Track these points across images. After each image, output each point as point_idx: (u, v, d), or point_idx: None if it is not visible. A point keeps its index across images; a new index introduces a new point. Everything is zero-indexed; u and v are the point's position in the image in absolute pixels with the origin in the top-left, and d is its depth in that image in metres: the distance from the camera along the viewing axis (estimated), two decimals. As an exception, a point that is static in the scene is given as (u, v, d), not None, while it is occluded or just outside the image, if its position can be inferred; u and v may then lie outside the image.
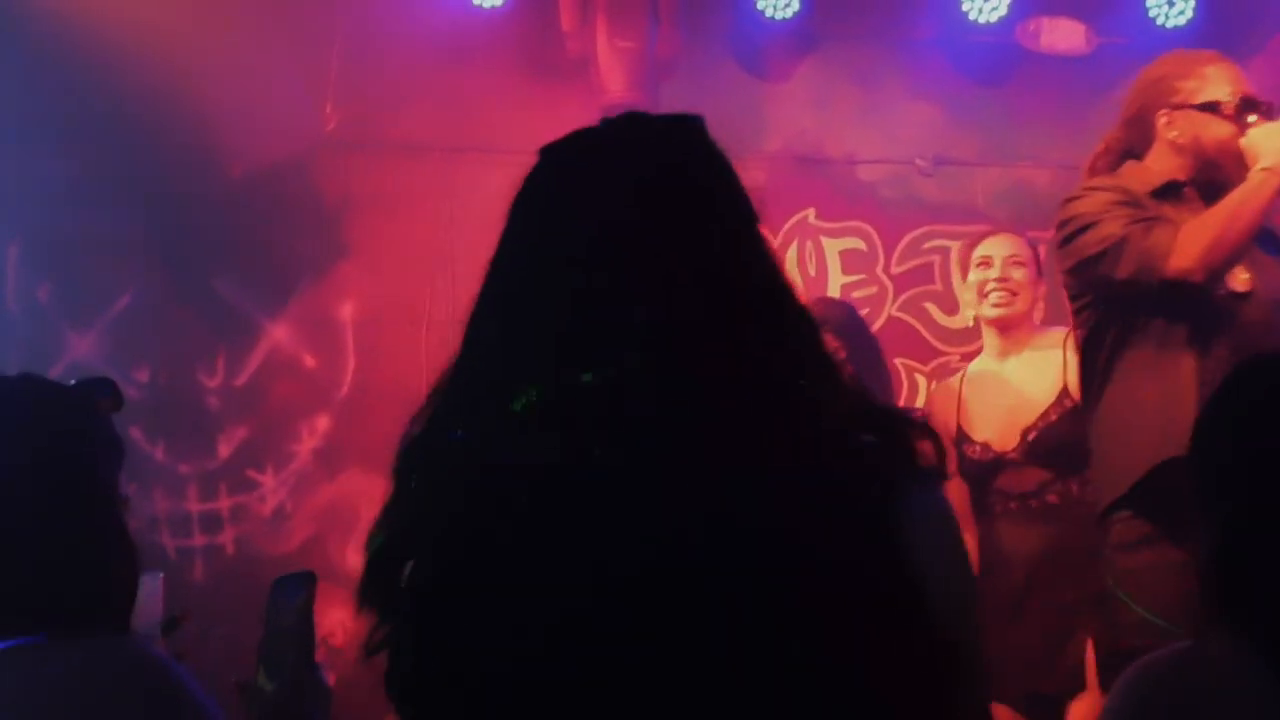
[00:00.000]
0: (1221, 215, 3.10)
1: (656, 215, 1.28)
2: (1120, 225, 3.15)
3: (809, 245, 5.32)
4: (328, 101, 5.12)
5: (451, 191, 4.99)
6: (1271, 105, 3.25)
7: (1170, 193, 3.26)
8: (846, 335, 3.81)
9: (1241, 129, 3.22)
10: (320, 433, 5.07)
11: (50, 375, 2.12)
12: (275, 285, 5.07)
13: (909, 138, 5.33)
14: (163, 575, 3.26)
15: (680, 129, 1.35)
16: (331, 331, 5.11)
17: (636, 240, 1.27)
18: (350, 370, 5.09)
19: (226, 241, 5.01)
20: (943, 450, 1.29)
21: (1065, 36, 5.21)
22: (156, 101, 4.84)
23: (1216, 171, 3.25)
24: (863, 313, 5.27)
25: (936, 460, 1.28)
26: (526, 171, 1.35)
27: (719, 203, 1.32)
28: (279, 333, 5.09)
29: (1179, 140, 3.28)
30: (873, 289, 5.33)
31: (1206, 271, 3.08)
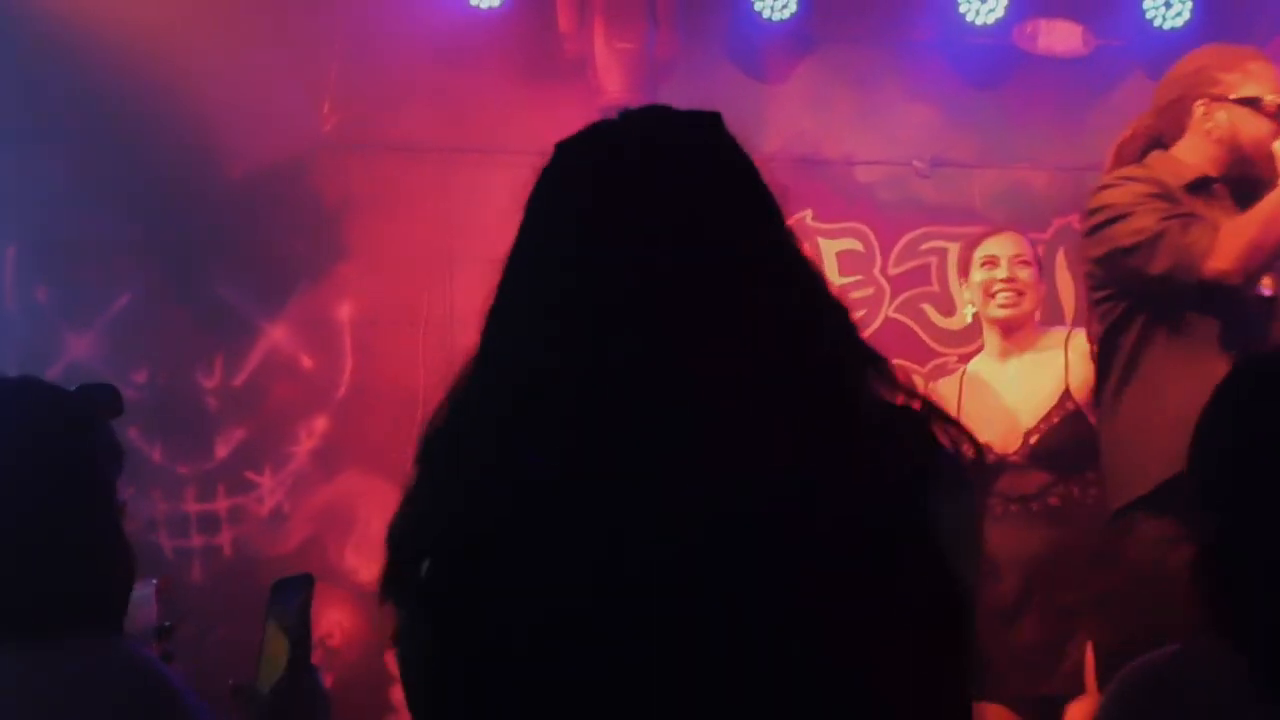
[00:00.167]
0: (1261, 218, 3.06)
1: (680, 210, 1.27)
2: (1155, 219, 3.11)
3: (806, 247, 5.31)
4: (325, 102, 5.11)
5: (449, 192, 4.99)
6: None
7: (1202, 188, 3.23)
8: None
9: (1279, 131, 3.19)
10: (318, 433, 5.06)
11: (48, 376, 2.12)
12: (273, 286, 5.07)
13: (906, 139, 5.33)
14: (156, 581, 3.26)
15: (699, 123, 1.34)
16: (329, 332, 5.10)
17: (660, 236, 1.25)
18: (348, 371, 5.09)
19: (224, 242, 5.01)
20: (979, 448, 1.27)
21: (1062, 38, 5.20)
22: (154, 103, 4.84)
23: (1249, 168, 3.22)
24: (859, 314, 5.28)
25: (973, 459, 1.25)
26: (529, 170, 1.33)
27: (743, 196, 1.32)
28: (277, 334, 5.09)
29: (1215, 132, 3.24)
30: (870, 290, 5.33)
31: (1245, 274, 3.06)
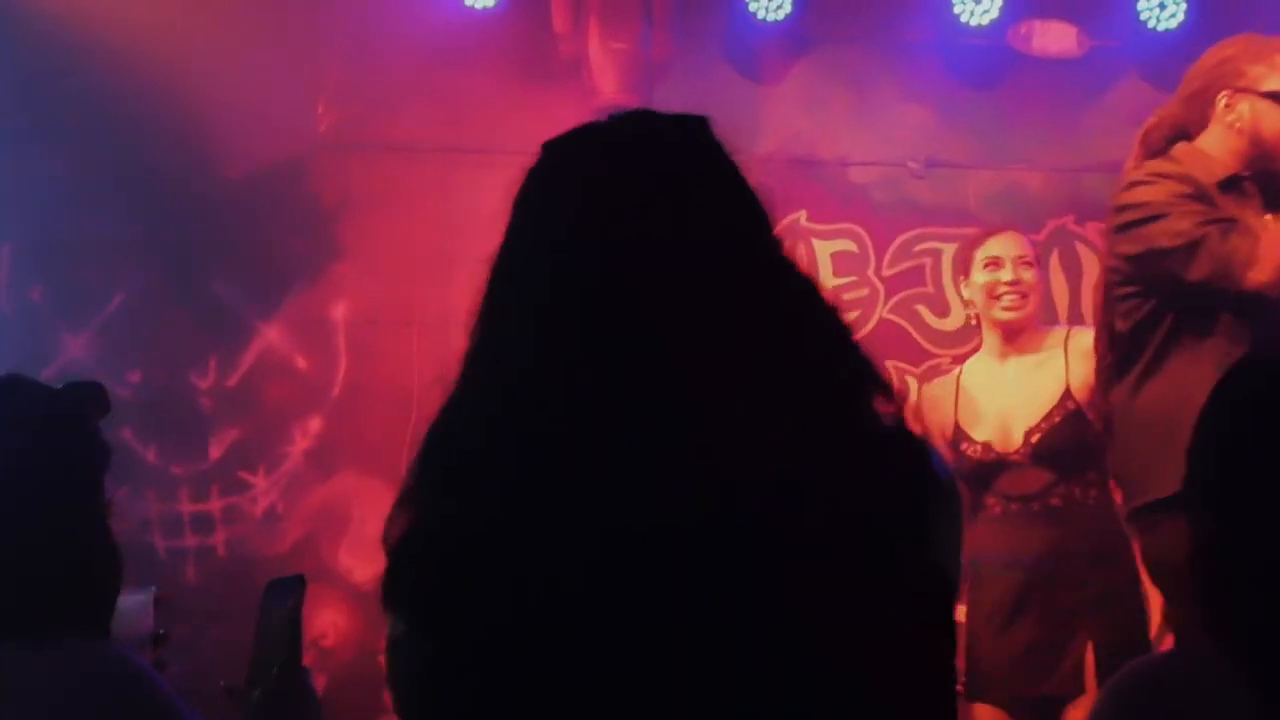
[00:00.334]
0: None
1: (667, 211, 1.27)
2: (1191, 222, 3.09)
3: (800, 248, 5.32)
4: (321, 103, 5.12)
5: (444, 192, 4.99)
6: None
7: (1233, 187, 3.20)
8: None
9: None
10: (312, 434, 5.06)
11: (43, 376, 2.12)
12: (268, 286, 5.07)
13: (901, 140, 5.33)
14: (154, 590, 3.25)
15: (687, 127, 1.34)
16: (324, 333, 5.10)
17: (647, 236, 1.25)
18: (343, 371, 5.09)
19: (219, 242, 5.01)
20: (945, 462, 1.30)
21: (1057, 39, 5.21)
22: (150, 102, 4.85)
23: (1271, 163, 3.20)
24: (853, 315, 5.29)
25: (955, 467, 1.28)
26: (523, 170, 1.33)
27: (730, 198, 1.31)
28: (271, 334, 5.09)
29: (1237, 124, 3.21)
30: (864, 291, 5.33)
31: None
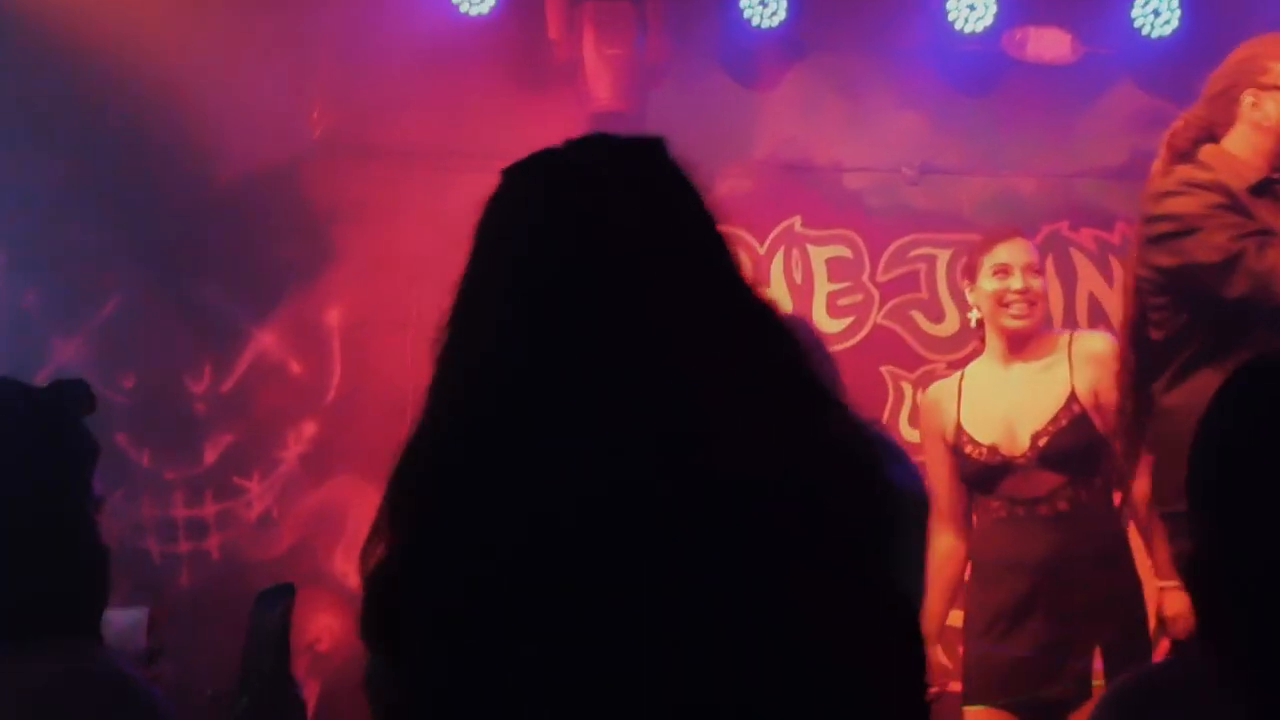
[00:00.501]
0: None
1: (615, 240, 1.28)
2: (1228, 236, 3.10)
3: (795, 253, 5.32)
4: (314, 108, 5.12)
5: (438, 198, 4.98)
6: None
7: (1264, 190, 3.21)
8: None
9: None
10: (307, 438, 5.06)
11: (36, 381, 2.10)
12: (262, 291, 5.07)
13: (895, 146, 5.34)
14: (149, 609, 3.24)
15: (640, 150, 1.35)
16: (318, 337, 5.11)
17: (595, 265, 1.27)
18: (337, 376, 5.09)
19: (213, 247, 5.01)
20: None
21: (1051, 46, 5.22)
22: (144, 108, 4.85)
23: None
24: (848, 321, 5.30)
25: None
26: (490, 192, 1.36)
27: (679, 224, 1.32)
28: (265, 339, 5.09)
29: (1263, 123, 3.23)
30: (859, 297, 5.34)
31: None
